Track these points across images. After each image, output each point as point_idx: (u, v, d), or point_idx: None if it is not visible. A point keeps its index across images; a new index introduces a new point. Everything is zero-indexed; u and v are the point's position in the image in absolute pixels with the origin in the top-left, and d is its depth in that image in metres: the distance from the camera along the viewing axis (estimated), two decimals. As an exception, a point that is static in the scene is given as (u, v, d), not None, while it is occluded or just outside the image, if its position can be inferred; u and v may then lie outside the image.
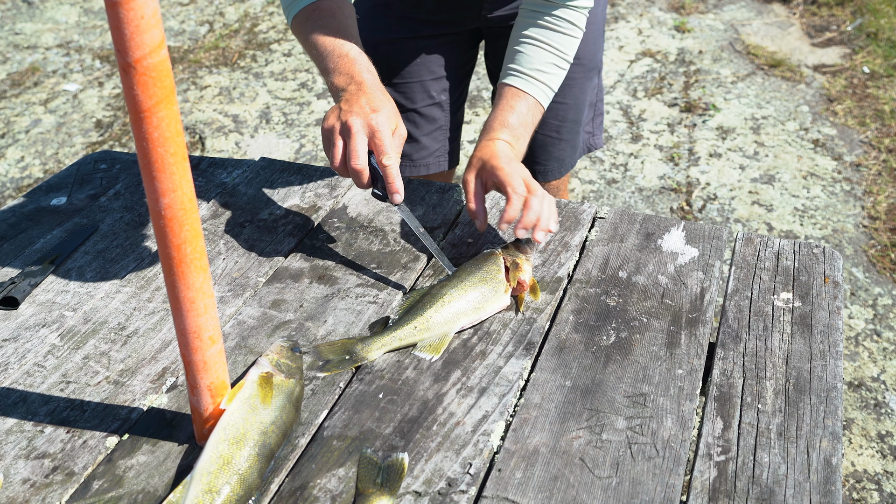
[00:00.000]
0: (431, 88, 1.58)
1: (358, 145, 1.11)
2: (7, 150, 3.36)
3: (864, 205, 2.87)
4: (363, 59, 1.22)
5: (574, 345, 1.06)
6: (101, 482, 0.89)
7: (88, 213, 1.36)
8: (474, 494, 0.87)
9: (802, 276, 1.17)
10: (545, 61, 1.29)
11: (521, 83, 1.29)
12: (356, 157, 1.11)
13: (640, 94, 3.59)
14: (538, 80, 1.29)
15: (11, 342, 1.09)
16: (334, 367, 1.02)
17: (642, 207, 2.87)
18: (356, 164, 1.11)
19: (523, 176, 1.17)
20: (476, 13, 1.52)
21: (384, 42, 1.54)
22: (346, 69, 1.20)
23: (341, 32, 1.23)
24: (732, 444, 0.92)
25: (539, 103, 1.29)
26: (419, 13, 1.52)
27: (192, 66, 3.96)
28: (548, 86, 1.30)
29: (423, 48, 1.55)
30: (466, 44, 1.60)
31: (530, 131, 1.29)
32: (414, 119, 1.60)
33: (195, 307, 0.83)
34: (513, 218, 1.14)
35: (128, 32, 0.68)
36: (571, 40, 1.31)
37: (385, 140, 1.12)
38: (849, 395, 2.15)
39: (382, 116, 1.13)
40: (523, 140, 1.28)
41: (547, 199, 1.15)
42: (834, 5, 4.25)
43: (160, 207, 0.77)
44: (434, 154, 1.63)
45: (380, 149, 1.12)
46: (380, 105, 1.14)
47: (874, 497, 1.90)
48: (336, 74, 1.20)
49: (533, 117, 1.29)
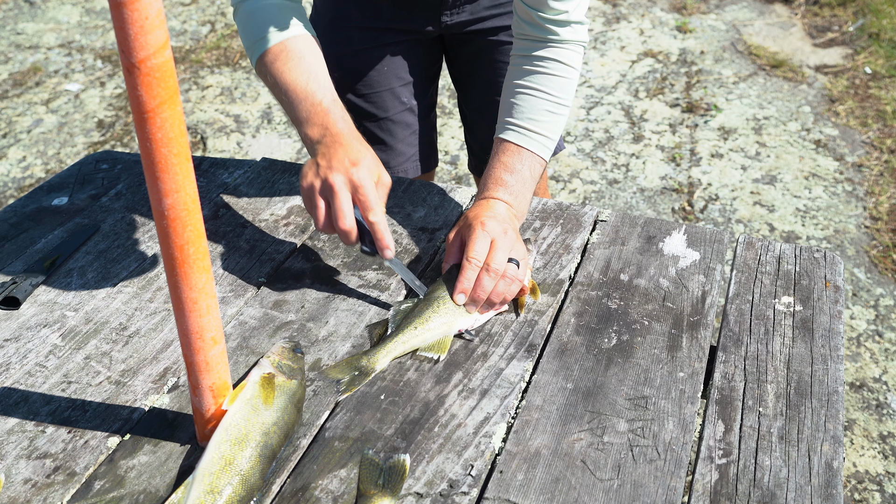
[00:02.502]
0: (401, 94, 1.56)
1: (343, 204, 1.06)
2: (9, 150, 3.36)
3: (866, 205, 2.87)
4: (337, 107, 1.17)
5: (575, 347, 1.06)
6: (102, 482, 0.89)
7: (90, 213, 1.36)
8: (476, 496, 0.87)
9: (803, 280, 1.17)
10: (540, 109, 1.23)
11: (516, 137, 1.22)
12: (343, 218, 1.06)
13: (641, 94, 3.59)
14: (534, 131, 1.22)
15: (13, 342, 1.09)
16: (351, 386, 1.00)
17: (644, 208, 2.87)
18: (344, 224, 1.07)
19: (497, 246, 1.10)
20: (435, 20, 1.50)
21: (348, 54, 1.52)
22: (319, 120, 1.15)
23: (312, 76, 1.18)
24: (734, 447, 0.92)
25: (537, 156, 1.22)
26: (378, 22, 1.50)
27: (194, 66, 3.96)
28: (545, 136, 1.23)
29: (388, 55, 1.53)
30: (430, 47, 1.58)
31: (531, 186, 1.22)
32: (388, 127, 1.58)
33: (197, 308, 0.83)
34: (465, 289, 1.08)
35: (132, 33, 0.68)
36: (566, 82, 1.24)
37: (369, 195, 1.07)
38: (850, 396, 2.15)
39: (363, 170, 1.08)
40: (522, 197, 1.21)
41: (502, 282, 1.09)
42: (836, 6, 4.25)
43: (163, 208, 0.77)
44: (411, 159, 1.62)
45: (364, 205, 1.07)
46: (359, 157, 1.09)
47: (876, 498, 1.90)
48: (309, 125, 1.15)
49: (531, 172, 1.22)
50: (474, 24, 1.52)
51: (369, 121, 1.57)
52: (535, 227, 1.29)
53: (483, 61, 1.56)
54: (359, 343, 1.07)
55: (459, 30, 1.53)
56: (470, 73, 1.61)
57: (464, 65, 1.61)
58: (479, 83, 1.60)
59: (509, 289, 1.10)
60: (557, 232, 1.28)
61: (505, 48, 1.53)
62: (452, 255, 1.15)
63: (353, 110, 1.56)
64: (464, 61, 1.61)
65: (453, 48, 1.60)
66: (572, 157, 3.17)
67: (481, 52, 1.55)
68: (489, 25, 1.52)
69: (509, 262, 1.09)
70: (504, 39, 1.53)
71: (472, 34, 1.53)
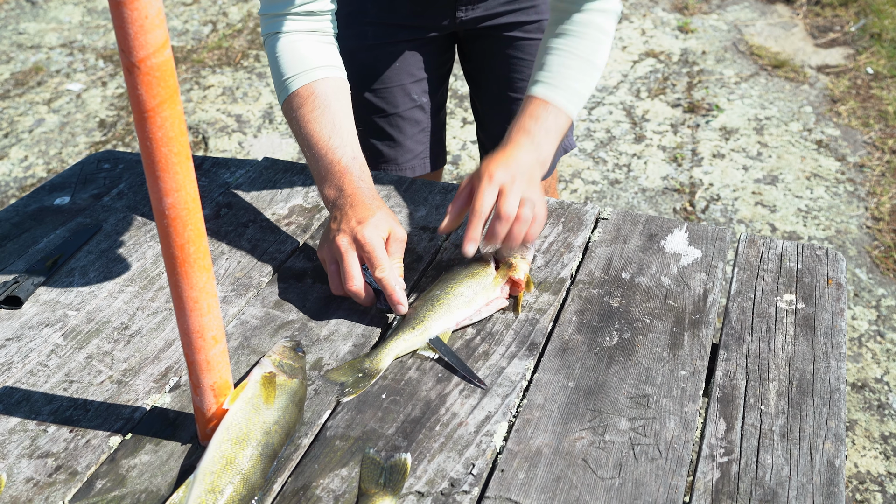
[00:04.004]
0: (412, 91, 1.57)
1: (350, 266, 1.06)
2: (11, 150, 3.36)
3: (868, 206, 2.86)
4: (355, 165, 1.16)
5: (577, 346, 1.06)
6: (104, 481, 0.89)
7: (92, 213, 1.37)
8: (477, 495, 0.87)
9: (805, 278, 1.17)
10: (567, 65, 1.21)
11: (541, 90, 1.21)
12: (351, 280, 1.06)
13: (643, 94, 3.59)
14: (559, 85, 1.21)
15: (15, 341, 1.09)
16: (356, 388, 1.00)
17: (645, 208, 2.87)
18: (352, 286, 1.06)
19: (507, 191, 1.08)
20: (450, 16, 1.51)
21: (361, 49, 1.52)
22: (336, 180, 1.15)
23: (336, 129, 1.18)
24: (735, 445, 0.92)
25: (561, 109, 1.20)
26: (394, 18, 1.50)
27: (196, 65, 3.96)
28: (571, 89, 1.21)
29: (401, 52, 1.53)
30: (443, 45, 1.59)
31: (554, 136, 1.19)
32: (397, 123, 1.59)
33: (198, 307, 0.83)
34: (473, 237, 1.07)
35: (132, 32, 0.68)
36: (595, 43, 1.23)
37: (375, 252, 1.06)
38: (852, 397, 2.15)
39: (369, 228, 1.07)
40: (546, 144, 1.18)
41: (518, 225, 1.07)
42: (837, 6, 4.25)
43: (164, 207, 0.77)
44: (419, 156, 1.63)
45: (371, 263, 1.06)
46: (366, 215, 1.08)
47: (877, 498, 1.90)
48: (327, 185, 1.16)
49: (556, 122, 1.19)
50: (489, 20, 1.52)
51: (379, 116, 1.58)
52: (537, 226, 1.29)
53: (497, 57, 1.57)
54: (360, 342, 1.07)
55: (474, 25, 1.53)
56: (483, 69, 1.62)
57: (478, 61, 1.62)
58: (493, 79, 1.60)
59: (529, 230, 1.08)
60: (559, 230, 1.28)
61: (519, 44, 1.54)
62: (459, 200, 1.13)
63: (364, 105, 1.57)
64: (478, 57, 1.61)
65: (467, 44, 1.61)
66: (574, 158, 3.16)
67: (495, 48, 1.56)
68: (504, 21, 1.53)
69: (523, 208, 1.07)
70: (518, 35, 1.54)
71: (487, 30, 1.54)
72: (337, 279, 1.10)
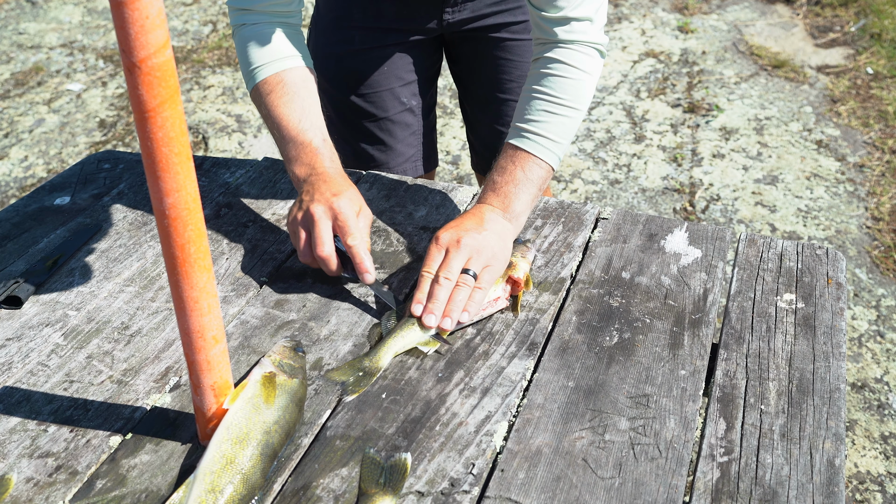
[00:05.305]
0: (401, 95, 1.57)
1: (322, 232, 1.09)
2: (11, 150, 3.36)
3: (868, 206, 2.86)
4: (326, 147, 1.20)
5: (577, 345, 1.06)
6: (104, 481, 0.89)
7: (92, 213, 1.37)
8: (477, 494, 0.87)
9: (805, 278, 1.17)
10: (538, 110, 1.19)
11: (513, 138, 1.20)
12: (321, 245, 1.09)
13: (643, 94, 3.59)
14: (532, 131, 1.18)
15: (15, 341, 1.09)
16: (357, 387, 1.00)
17: (645, 208, 2.87)
18: (322, 251, 1.09)
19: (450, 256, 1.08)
20: (437, 18, 1.51)
21: (349, 54, 1.52)
22: (307, 159, 1.18)
23: (305, 113, 1.21)
24: (735, 445, 0.92)
25: (532, 156, 1.18)
26: (381, 22, 1.50)
27: (196, 65, 3.96)
28: (543, 136, 1.18)
29: (389, 56, 1.53)
30: (431, 48, 1.58)
31: (525, 186, 1.17)
32: (387, 127, 1.58)
33: (199, 307, 0.83)
34: (419, 300, 1.07)
35: (132, 32, 0.68)
36: (570, 83, 1.19)
37: (349, 221, 1.09)
38: (852, 397, 2.15)
39: (344, 199, 1.11)
40: (514, 197, 1.16)
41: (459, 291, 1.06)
42: (838, 6, 4.25)
43: (164, 207, 0.77)
44: (410, 159, 1.63)
45: (344, 230, 1.09)
46: (340, 189, 1.12)
47: (877, 498, 1.90)
48: (297, 164, 1.19)
49: (525, 171, 1.17)
50: (476, 22, 1.52)
51: (369, 121, 1.57)
52: (537, 225, 1.29)
53: (484, 59, 1.56)
54: (360, 342, 1.07)
55: (461, 27, 1.53)
56: (471, 70, 1.61)
57: (465, 63, 1.61)
58: (481, 81, 1.60)
59: (469, 298, 1.07)
60: (559, 230, 1.28)
61: (506, 45, 1.53)
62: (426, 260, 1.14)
63: (353, 110, 1.57)
64: (465, 59, 1.61)
65: (454, 46, 1.60)
66: (574, 158, 3.17)
67: (483, 49, 1.55)
68: (491, 22, 1.52)
69: (464, 273, 1.08)
70: (505, 37, 1.53)
71: (474, 31, 1.54)
72: (308, 247, 1.12)
